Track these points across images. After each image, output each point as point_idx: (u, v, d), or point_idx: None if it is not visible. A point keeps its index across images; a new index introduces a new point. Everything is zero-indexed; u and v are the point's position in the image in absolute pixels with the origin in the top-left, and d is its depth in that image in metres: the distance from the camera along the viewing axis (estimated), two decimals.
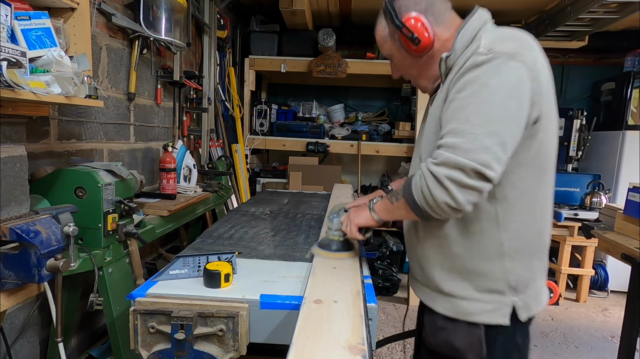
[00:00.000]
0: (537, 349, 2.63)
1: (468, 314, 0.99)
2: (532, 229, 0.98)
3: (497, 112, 0.85)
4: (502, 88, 0.86)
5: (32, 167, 1.45)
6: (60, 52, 1.24)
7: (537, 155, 0.94)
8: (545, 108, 0.91)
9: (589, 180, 3.58)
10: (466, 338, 0.99)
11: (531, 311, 0.99)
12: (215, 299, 1.03)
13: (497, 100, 0.86)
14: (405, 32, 1.00)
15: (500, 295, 0.97)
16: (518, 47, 0.89)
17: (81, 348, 1.90)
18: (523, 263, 0.97)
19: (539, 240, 1.00)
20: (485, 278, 0.97)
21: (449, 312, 1.02)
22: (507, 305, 0.97)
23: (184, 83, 2.54)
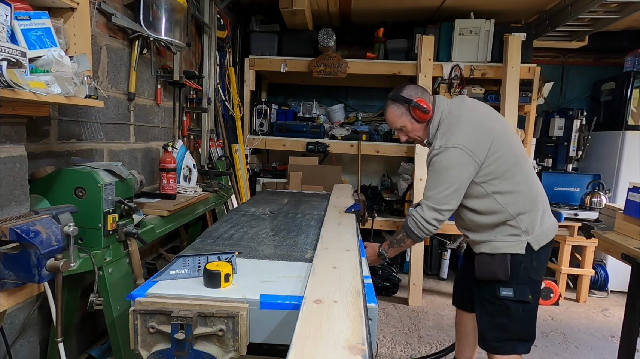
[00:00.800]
0: (537, 349, 2.63)
1: (499, 249, 1.62)
2: (525, 199, 1.61)
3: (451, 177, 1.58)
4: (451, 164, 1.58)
5: (32, 167, 1.45)
6: (60, 52, 1.24)
7: (502, 167, 1.59)
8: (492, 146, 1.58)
9: (589, 180, 3.58)
10: (499, 264, 1.61)
11: (541, 243, 1.62)
12: (215, 299, 1.03)
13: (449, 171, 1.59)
14: (418, 106, 1.68)
15: (518, 237, 1.61)
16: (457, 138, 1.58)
17: (81, 348, 1.90)
18: (527, 217, 1.61)
19: (533, 202, 1.63)
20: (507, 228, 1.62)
21: (488, 250, 1.65)
22: (523, 242, 1.60)
23: (184, 83, 2.54)
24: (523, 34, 3.31)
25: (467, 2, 3.27)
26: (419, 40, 3.38)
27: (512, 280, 1.60)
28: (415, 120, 1.71)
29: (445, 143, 1.59)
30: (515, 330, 1.66)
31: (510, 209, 1.59)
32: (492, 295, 1.65)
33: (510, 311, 1.63)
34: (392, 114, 1.75)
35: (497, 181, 1.59)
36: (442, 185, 1.58)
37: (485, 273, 1.64)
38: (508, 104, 3.23)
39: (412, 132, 1.75)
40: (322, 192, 3.04)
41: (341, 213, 1.96)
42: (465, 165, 1.56)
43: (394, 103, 1.74)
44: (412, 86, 1.74)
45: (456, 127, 1.61)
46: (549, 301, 3.30)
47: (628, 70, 3.69)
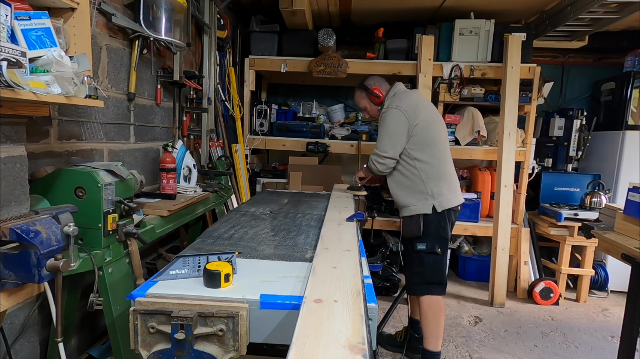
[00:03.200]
0: (537, 349, 2.63)
1: (414, 211, 2.16)
2: (435, 170, 2.14)
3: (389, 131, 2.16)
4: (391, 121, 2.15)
5: (32, 167, 1.45)
6: (60, 52, 1.24)
7: (424, 140, 2.14)
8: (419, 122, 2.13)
9: (589, 180, 3.58)
10: (415, 223, 2.15)
11: (443, 207, 2.13)
12: (215, 300, 1.03)
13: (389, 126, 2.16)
14: (372, 94, 2.33)
15: (426, 200, 2.14)
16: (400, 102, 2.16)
17: (81, 348, 1.90)
18: (434, 184, 2.13)
19: (441, 175, 2.16)
20: (419, 194, 2.15)
21: (408, 213, 2.18)
22: (429, 204, 2.13)
23: (184, 83, 2.54)
24: (523, 34, 3.31)
25: (467, 2, 3.27)
26: (419, 40, 3.38)
27: (425, 236, 2.14)
28: (372, 102, 2.35)
29: (390, 104, 2.19)
30: (428, 276, 2.17)
31: (422, 174, 2.13)
32: (412, 249, 2.20)
33: (423, 260, 2.17)
34: (357, 97, 2.42)
35: (418, 150, 2.13)
36: (384, 136, 2.16)
37: (407, 232, 2.18)
38: (508, 104, 3.23)
39: (370, 111, 2.41)
40: (322, 192, 3.04)
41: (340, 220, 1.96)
42: (402, 123, 2.12)
43: (359, 89, 2.39)
44: (374, 77, 2.38)
45: (400, 97, 2.22)
46: (549, 301, 3.30)
47: (628, 70, 3.69)
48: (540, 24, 3.50)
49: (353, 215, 1.91)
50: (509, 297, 3.38)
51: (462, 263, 3.85)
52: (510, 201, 3.30)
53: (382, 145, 2.16)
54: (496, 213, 3.30)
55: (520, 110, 3.41)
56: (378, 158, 2.17)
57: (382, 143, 2.16)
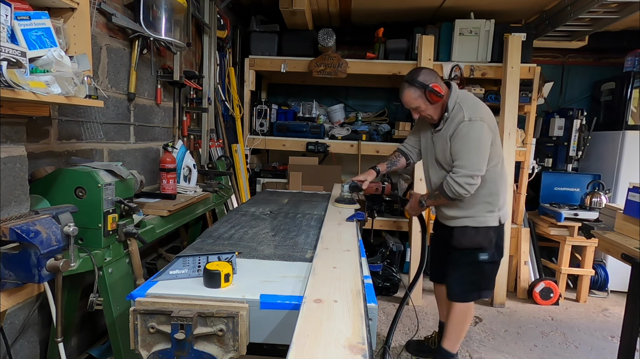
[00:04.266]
0: (537, 349, 2.63)
1: (481, 223, 2.04)
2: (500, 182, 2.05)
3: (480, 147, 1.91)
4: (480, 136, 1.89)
5: (32, 167, 1.45)
6: (60, 52, 1.24)
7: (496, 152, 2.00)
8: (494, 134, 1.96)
9: (589, 180, 3.58)
10: (484, 235, 2.05)
11: (504, 219, 2.10)
12: (215, 300, 1.03)
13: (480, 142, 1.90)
14: (433, 91, 1.92)
15: (493, 212, 2.05)
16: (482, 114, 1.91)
17: (81, 348, 1.90)
18: (501, 197, 2.06)
19: (504, 187, 2.09)
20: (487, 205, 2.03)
21: (474, 224, 2.05)
22: (496, 216, 2.06)
23: (184, 83, 2.54)
24: (523, 34, 3.30)
25: (467, 2, 3.26)
26: (419, 40, 3.38)
27: (489, 247, 2.06)
28: (429, 102, 1.95)
29: (474, 116, 1.89)
30: (483, 283, 2.13)
31: (492, 186, 2.01)
32: (472, 259, 2.07)
33: (483, 270, 2.09)
34: (408, 96, 1.97)
35: (491, 161, 1.98)
36: (475, 153, 1.88)
37: (471, 243, 2.06)
38: (508, 104, 3.23)
39: (425, 111, 2.00)
40: (322, 192, 3.04)
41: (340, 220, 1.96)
42: (489, 138, 1.91)
43: (410, 86, 1.96)
44: (426, 71, 1.99)
45: (479, 107, 1.95)
46: (549, 301, 3.30)
47: (628, 70, 3.69)
48: (540, 24, 3.50)
49: (353, 215, 1.91)
50: (509, 297, 3.38)
51: None
52: (511, 201, 3.29)
53: (475, 163, 1.87)
54: None
55: (520, 110, 3.41)
56: (471, 179, 1.87)
57: (474, 161, 1.87)
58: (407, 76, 2.00)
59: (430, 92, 1.91)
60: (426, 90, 1.92)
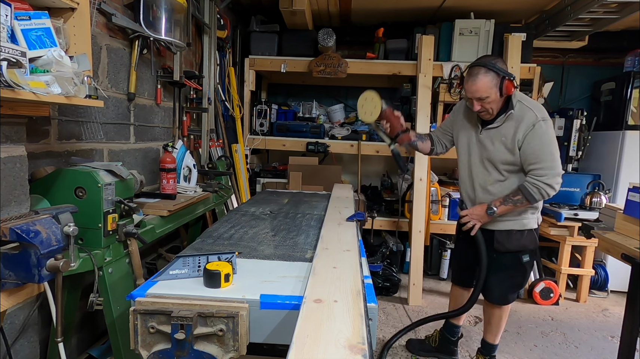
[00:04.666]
0: (537, 349, 2.63)
1: (526, 226, 2.00)
2: None
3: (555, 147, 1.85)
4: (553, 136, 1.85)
5: (32, 167, 1.45)
6: (60, 52, 1.24)
7: None
8: None
9: (589, 180, 3.57)
10: (529, 237, 2.01)
11: (540, 219, 2.07)
12: (215, 300, 1.03)
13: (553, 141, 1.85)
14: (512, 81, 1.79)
15: (534, 214, 2.02)
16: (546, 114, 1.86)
17: (81, 348, 1.90)
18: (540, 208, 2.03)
19: None
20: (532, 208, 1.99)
21: (518, 227, 2.00)
22: (537, 218, 2.04)
23: (184, 83, 2.54)
24: (523, 34, 3.31)
25: (467, 2, 3.26)
26: (419, 40, 3.37)
27: (533, 248, 2.05)
28: (501, 93, 1.81)
29: (545, 116, 1.82)
30: (523, 283, 2.14)
31: None
32: (516, 262, 2.04)
33: (526, 271, 2.07)
34: (484, 83, 1.80)
35: None
36: (556, 153, 1.83)
37: (516, 246, 2.01)
38: None
39: (492, 102, 1.84)
40: (322, 192, 3.04)
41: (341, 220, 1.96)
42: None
43: (488, 72, 1.79)
44: (500, 59, 1.86)
45: (541, 107, 1.89)
46: (549, 301, 3.30)
47: (628, 70, 3.69)
48: (540, 24, 3.50)
49: (353, 215, 1.91)
50: None
51: None
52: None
53: (559, 163, 1.83)
54: None
55: None
56: (559, 179, 1.83)
57: (558, 161, 1.83)
58: (481, 61, 1.84)
59: (509, 81, 1.77)
60: (506, 79, 1.77)
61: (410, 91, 3.73)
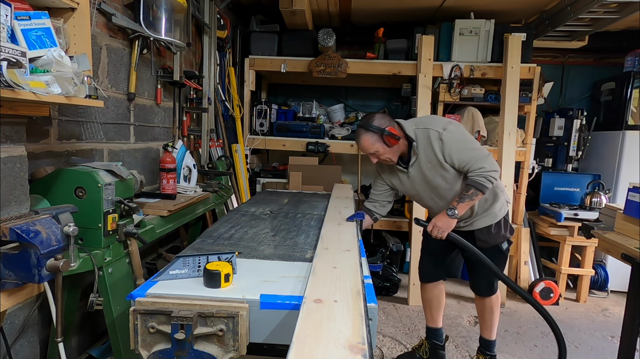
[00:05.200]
0: (537, 349, 2.63)
1: (499, 216, 2.06)
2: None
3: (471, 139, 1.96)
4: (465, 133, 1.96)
5: (32, 167, 1.45)
6: (60, 52, 1.24)
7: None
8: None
9: (589, 180, 3.58)
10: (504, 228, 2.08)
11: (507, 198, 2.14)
12: (215, 300, 1.03)
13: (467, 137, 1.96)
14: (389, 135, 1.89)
15: (503, 204, 2.09)
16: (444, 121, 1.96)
17: (81, 348, 1.90)
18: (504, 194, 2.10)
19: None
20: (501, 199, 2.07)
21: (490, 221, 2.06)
22: (505, 209, 2.11)
23: (184, 83, 2.54)
24: (523, 34, 3.30)
25: (467, 2, 3.26)
26: (419, 40, 3.38)
27: (510, 233, 2.13)
28: (387, 145, 1.92)
29: (443, 125, 1.92)
30: (503, 270, 2.17)
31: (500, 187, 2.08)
32: (497, 251, 2.10)
33: (506, 258, 2.18)
34: (366, 142, 1.93)
35: None
36: (475, 144, 1.93)
37: (497, 239, 2.07)
38: (508, 104, 3.23)
39: (383, 154, 1.96)
40: (322, 192, 3.04)
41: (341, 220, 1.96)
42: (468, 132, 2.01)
43: (367, 132, 1.92)
44: (380, 115, 1.95)
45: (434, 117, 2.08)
46: (549, 301, 3.30)
47: (628, 70, 3.69)
48: (540, 24, 3.50)
49: (353, 215, 1.91)
50: (509, 297, 3.38)
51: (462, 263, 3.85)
52: (511, 201, 3.29)
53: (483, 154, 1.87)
54: None
55: (520, 110, 3.41)
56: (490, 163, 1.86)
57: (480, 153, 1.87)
58: (360, 122, 1.98)
59: (387, 135, 1.89)
60: (383, 134, 1.89)
61: (410, 91, 3.73)
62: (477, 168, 1.86)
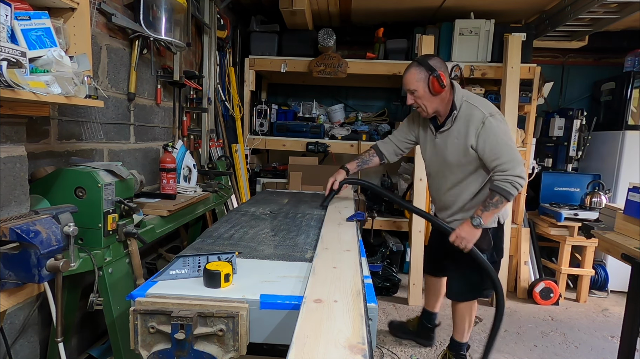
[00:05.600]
0: (537, 349, 2.63)
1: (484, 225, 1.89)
2: None
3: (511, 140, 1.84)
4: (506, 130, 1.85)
5: (32, 167, 1.45)
6: (60, 52, 1.24)
7: None
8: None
9: (589, 180, 3.57)
10: (484, 237, 1.92)
11: (503, 219, 2.09)
12: (215, 300, 1.03)
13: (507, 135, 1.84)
14: (437, 78, 1.81)
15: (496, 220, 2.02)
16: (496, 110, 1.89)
17: (81, 348, 1.90)
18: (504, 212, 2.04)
19: None
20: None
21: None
22: (496, 217, 2.00)
23: (184, 83, 2.54)
24: (523, 34, 3.30)
25: (467, 2, 3.26)
26: (419, 40, 3.37)
27: (487, 248, 2.00)
28: (429, 90, 1.85)
29: (493, 111, 1.84)
30: (484, 283, 2.12)
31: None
32: (471, 261, 1.95)
33: (483, 271, 1.98)
34: (412, 75, 1.87)
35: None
36: (512, 144, 1.82)
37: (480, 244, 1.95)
38: (508, 104, 3.23)
39: (420, 98, 1.89)
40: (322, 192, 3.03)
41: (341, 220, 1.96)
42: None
43: (418, 66, 1.86)
44: (438, 59, 1.89)
45: (489, 103, 1.91)
46: (549, 301, 3.30)
47: (628, 70, 3.69)
48: (540, 24, 3.50)
49: (353, 215, 1.91)
50: (509, 297, 3.38)
51: None
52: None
53: (517, 154, 1.79)
54: None
55: (520, 110, 3.41)
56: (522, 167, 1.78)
57: (515, 152, 1.80)
58: (419, 57, 1.91)
59: (435, 77, 1.80)
60: (431, 75, 1.81)
61: None
62: (506, 169, 1.77)
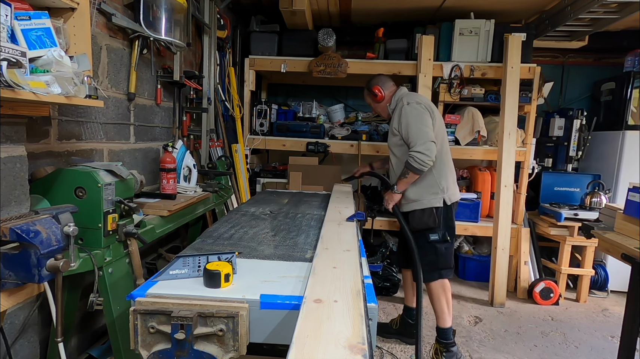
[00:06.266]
0: (537, 349, 2.63)
1: (426, 205, 2.32)
2: (444, 167, 2.35)
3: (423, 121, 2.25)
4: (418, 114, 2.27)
5: (32, 167, 1.45)
6: (60, 52, 1.24)
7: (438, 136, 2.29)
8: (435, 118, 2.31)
9: (589, 180, 3.57)
10: (429, 216, 2.32)
11: (452, 200, 2.36)
12: (215, 300, 1.03)
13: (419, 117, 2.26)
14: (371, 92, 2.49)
15: (437, 194, 2.32)
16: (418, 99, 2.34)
17: (81, 348, 1.90)
18: (443, 180, 2.33)
19: (448, 171, 2.38)
20: (431, 188, 2.32)
21: (419, 206, 2.33)
22: (441, 198, 2.32)
23: (184, 83, 2.54)
24: (523, 34, 3.30)
25: (467, 2, 3.26)
26: (419, 40, 3.38)
27: (437, 227, 2.32)
28: (373, 101, 2.52)
29: (411, 100, 2.32)
30: (441, 262, 2.35)
31: (434, 170, 2.30)
32: (424, 241, 2.33)
33: (437, 249, 2.33)
34: (365, 95, 2.57)
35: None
36: (421, 125, 2.22)
37: (420, 224, 2.33)
38: (508, 104, 3.23)
39: (374, 109, 2.60)
40: (322, 192, 3.04)
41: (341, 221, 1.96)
42: (427, 115, 2.27)
43: (365, 88, 2.55)
44: (378, 76, 2.53)
45: (417, 95, 2.44)
46: (549, 301, 3.30)
47: (628, 70, 3.69)
48: (540, 24, 3.50)
49: (353, 215, 1.91)
50: (509, 297, 3.38)
51: (462, 263, 3.85)
52: (510, 201, 3.30)
53: (425, 132, 2.19)
54: (496, 213, 3.30)
55: (520, 110, 3.41)
56: (428, 145, 2.16)
57: (424, 131, 2.19)
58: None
59: (369, 92, 2.47)
60: (369, 91, 2.47)
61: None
62: (410, 144, 2.22)
